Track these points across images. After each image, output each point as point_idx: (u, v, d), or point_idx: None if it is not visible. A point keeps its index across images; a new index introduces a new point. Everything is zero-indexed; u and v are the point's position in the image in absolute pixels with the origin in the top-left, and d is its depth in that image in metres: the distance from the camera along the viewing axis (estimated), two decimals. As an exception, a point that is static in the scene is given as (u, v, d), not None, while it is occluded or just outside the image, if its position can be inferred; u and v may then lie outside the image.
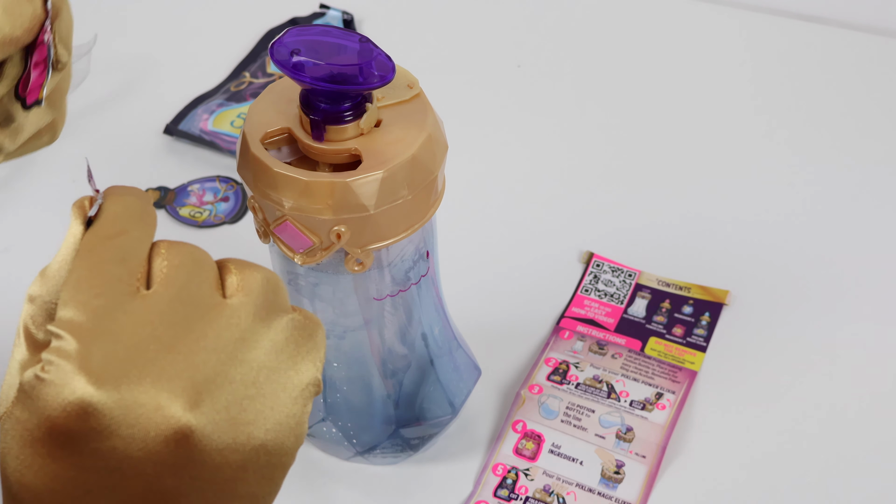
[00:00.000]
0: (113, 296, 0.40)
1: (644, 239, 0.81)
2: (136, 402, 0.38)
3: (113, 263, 0.41)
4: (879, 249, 0.80)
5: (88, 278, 0.40)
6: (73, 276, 0.40)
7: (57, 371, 0.38)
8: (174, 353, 0.40)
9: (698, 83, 0.96)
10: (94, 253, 0.41)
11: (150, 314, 0.40)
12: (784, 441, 0.68)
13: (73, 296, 0.40)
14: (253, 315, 0.42)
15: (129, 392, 0.38)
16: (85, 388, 0.38)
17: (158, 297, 0.41)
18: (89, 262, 0.41)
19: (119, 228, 0.42)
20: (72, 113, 0.95)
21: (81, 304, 0.40)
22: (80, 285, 0.40)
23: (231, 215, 0.85)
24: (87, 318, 0.39)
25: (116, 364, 0.39)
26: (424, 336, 0.62)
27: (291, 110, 0.55)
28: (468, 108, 0.93)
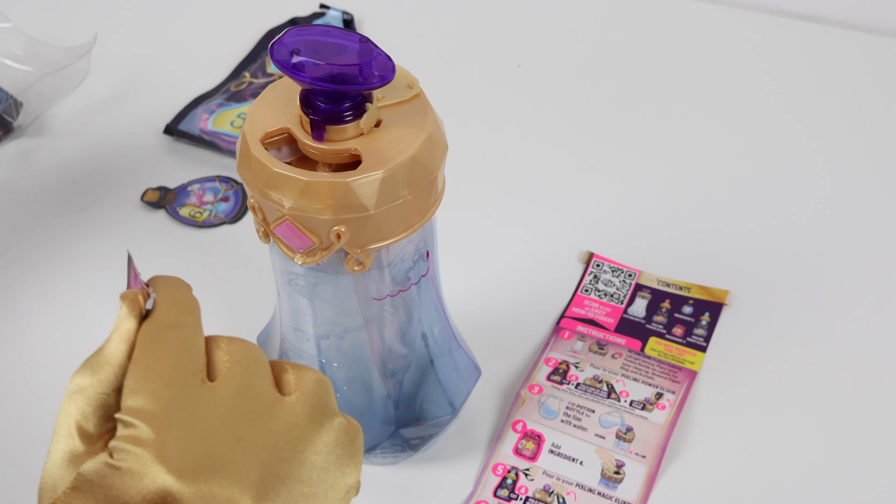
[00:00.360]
0: (182, 387, 0.41)
1: (644, 239, 0.81)
2: (211, 494, 0.40)
3: (178, 355, 0.42)
4: (879, 249, 0.80)
5: (157, 369, 0.41)
6: (139, 366, 0.41)
7: (134, 460, 0.39)
8: (242, 447, 0.41)
9: (698, 83, 0.96)
10: (157, 344, 0.42)
11: (217, 407, 0.41)
12: (784, 441, 0.68)
13: (143, 385, 0.40)
14: (309, 416, 0.44)
15: (206, 484, 0.40)
16: (165, 478, 0.39)
17: (223, 390, 0.42)
18: (154, 353, 0.42)
19: (175, 320, 0.43)
20: (72, 113, 0.95)
21: (152, 394, 0.40)
22: (148, 375, 0.41)
23: (231, 215, 0.85)
24: (159, 408, 0.40)
25: (192, 455, 0.40)
26: (424, 336, 0.62)
27: (291, 110, 0.55)
28: (468, 108, 0.93)
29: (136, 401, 0.40)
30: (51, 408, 0.71)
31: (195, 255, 0.82)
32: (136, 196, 0.86)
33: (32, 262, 0.82)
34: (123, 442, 0.40)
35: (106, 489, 0.39)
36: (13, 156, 0.91)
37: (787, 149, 0.89)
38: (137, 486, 0.39)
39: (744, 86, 0.95)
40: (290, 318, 0.61)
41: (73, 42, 0.99)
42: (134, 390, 0.41)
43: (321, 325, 0.59)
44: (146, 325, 0.43)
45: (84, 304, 0.79)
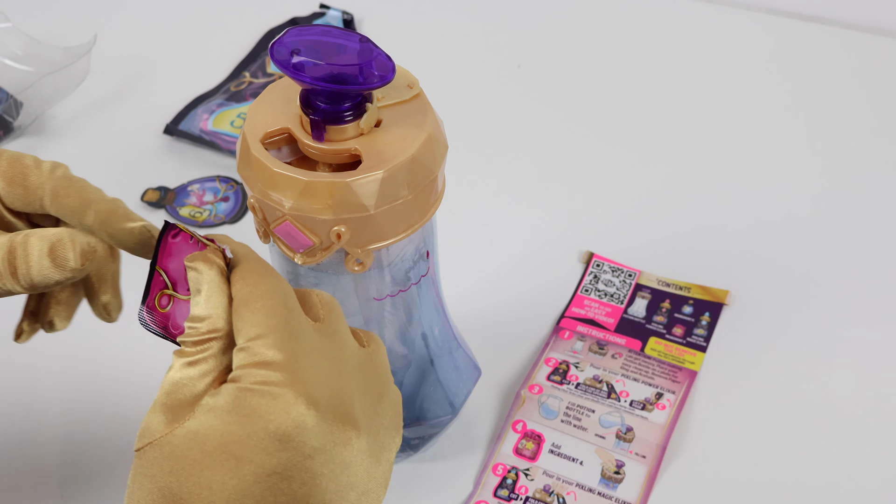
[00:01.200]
0: (297, 324, 0.44)
1: (644, 239, 0.81)
2: (334, 432, 0.43)
3: (285, 296, 0.44)
4: (880, 249, 0.80)
5: (272, 307, 0.43)
6: (253, 308, 0.43)
7: (277, 386, 0.41)
8: (349, 386, 0.45)
9: (698, 83, 0.96)
10: (262, 288, 0.44)
11: (325, 346, 0.45)
12: (784, 441, 0.68)
13: (264, 322, 0.43)
14: (383, 368, 0.48)
15: (332, 422, 0.43)
16: (301, 409, 0.42)
17: (327, 332, 0.45)
18: (264, 294, 0.44)
19: (265, 268, 0.45)
20: (72, 113, 0.95)
21: (275, 329, 0.43)
22: (267, 314, 0.43)
23: (231, 215, 0.85)
24: (285, 341, 0.43)
25: (320, 390, 0.43)
26: (424, 336, 0.62)
27: (291, 110, 0.55)
28: (468, 108, 0.93)
29: (260, 330, 0.42)
30: (51, 403, 0.72)
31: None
32: (136, 196, 0.86)
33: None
34: (253, 368, 0.42)
35: (245, 416, 0.41)
36: (13, 156, 0.91)
37: (787, 149, 0.89)
38: (282, 412, 0.41)
39: (744, 86, 0.95)
40: (290, 318, 0.61)
41: (73, 42, 0.99)
42: (256, 323, 0.43)
43: (321, 325, 0.59)
44: (241, 274, 0.45)
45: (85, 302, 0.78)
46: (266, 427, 0.41)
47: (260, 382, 0.42)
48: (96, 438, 0.70)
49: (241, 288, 0.44)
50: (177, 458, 0.41)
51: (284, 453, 0.41)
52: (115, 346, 0.76)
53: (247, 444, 0.41)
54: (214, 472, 0.41)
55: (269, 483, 0.41)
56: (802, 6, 1.03)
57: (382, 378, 0.48)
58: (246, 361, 0.42)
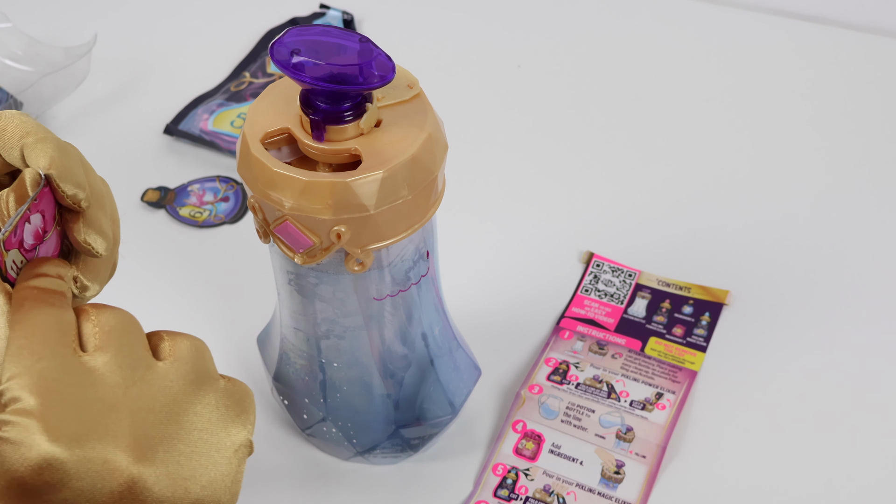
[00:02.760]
0: (54, 358, 0.43)
1: (644, 239, 0.81)
2: (87, 458, 0.42)
3: (47, 330, 0.44)
4: (880, 249, 0.80)
5: (28, 345, 0.43)
6: (12, 346, 0.43)
7: (19, 430, 0.41)
8: (117, 412, 0.43)
9: (698, 83, 0.96)
10: (26, 323, 0.44)
11: (90, 376, 0.43)
12: (784, 441, 0.68)
13: (17, 361, 0.42)
14: (184, 379, 0.45)
15: (83, 449, 0.42)
16: (48, 446, 0.41)
17: (95, 359, 0.44)
18: (24, 331, 0.43)
19: (42, 298, 0.45)
20: (72, 113, 0.95)
21: (26, 369, 0.42)
22: (20, 352, 0.43)
23: (231, 215, 0.85)
24: (34, 380, 0.42)
25: (69, 423, 0.42)
26: (424, 336, 0.62)
27: (291, 110, 0.55)
28: (468, 108, 0.93)
29: (13, 371, 0.42)
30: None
31: (195, 255, 0.82)
32: (136, 196, 0.86)
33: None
34: (6, 415, 0.42)
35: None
36: (13, 156, 0.91)
37: (787, 148, 0.89)
38: (24, 455, 0.41)
39: (744, 86, 0.95)
40: (290, 318, 0.61)
41: (73, 42, 0.99)
42: (8, 368, 0.43)
43: (321, 325, 0.59)
44: (14, 307, 0.45)
45: (84, 304, 0.78)
46: (10, 475, 0.41)
47: (8, 429, 0.41)
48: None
49: (9, 325, 0.44)
50: None
51: (34, 500, 0.41)
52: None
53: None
54: None
55: None
56: (802, 6, 1.03)
57: (192, 382, 0.46)
58: (3, 404, 0.42)
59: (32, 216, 0.46)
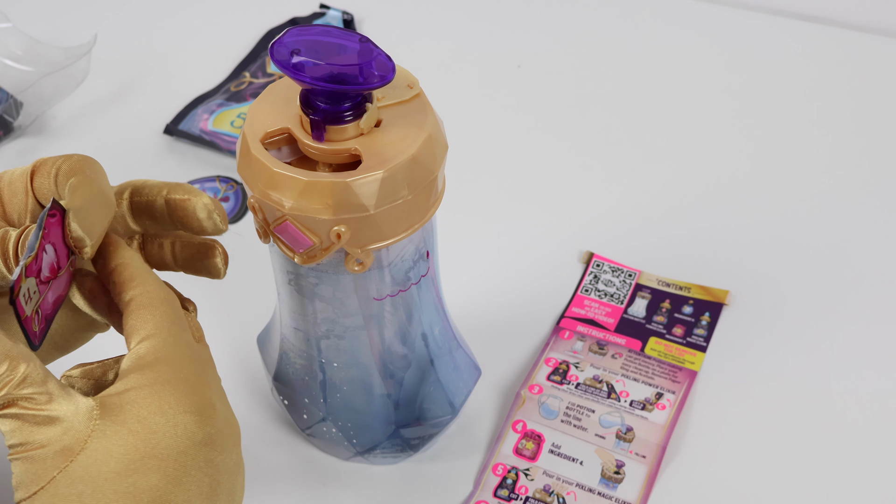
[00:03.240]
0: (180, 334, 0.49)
1: (644, 239, 0.81)
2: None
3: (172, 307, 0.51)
4: (880, 249, 0.80)
5: (163, 313, 0.49)
6: (146, 313, 0.49)
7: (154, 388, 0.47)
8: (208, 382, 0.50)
9: (698, 83, 0.96)
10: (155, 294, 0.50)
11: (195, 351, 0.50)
12: (784, 441, 0.68)
13: (152, 326, 0.49)
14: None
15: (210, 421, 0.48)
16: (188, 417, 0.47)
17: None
18: (158, 304, 0.50)
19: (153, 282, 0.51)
20: (72, 113, 0.95)
21: (159, 333, 0.49)
22: (154, 320, 0.49)
23: (231, 215, 0.85)
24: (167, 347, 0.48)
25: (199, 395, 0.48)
26: (424, 336, 0.62)
27: (291, 110, 0.55)
28: (468, 108, 0.93)
29: (147, 337, 0.48)
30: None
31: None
32: (136, 196, 0.86)
33: (32, 262, 0.82)
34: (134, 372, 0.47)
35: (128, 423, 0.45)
36: (13, 156, 0.91)
37: (787, 148, 0.89)
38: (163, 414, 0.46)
39: (744, 86, 0.95)
40: (290, 318, 0.61)
41: (73, 42, 0.99)
42: (143, 330, 0.49)
43: (321, 325, 0.59)
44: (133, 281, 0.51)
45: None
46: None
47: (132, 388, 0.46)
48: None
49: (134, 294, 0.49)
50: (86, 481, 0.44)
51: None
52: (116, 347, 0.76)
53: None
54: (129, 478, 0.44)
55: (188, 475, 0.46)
56: (802, 6, 1.03)
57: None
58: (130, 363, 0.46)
59: (47, 245, 0.46)
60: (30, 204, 0.50)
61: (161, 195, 0.53)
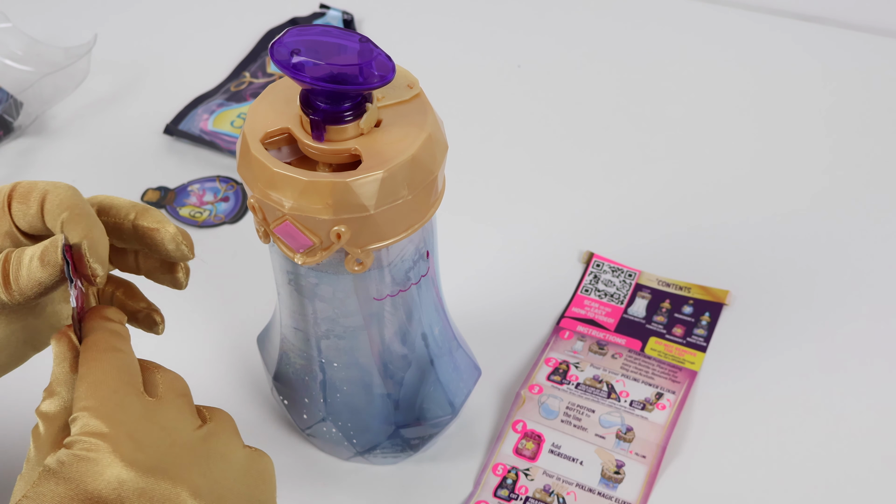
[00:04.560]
0: (126, 394, 0.47)
1: (644, 239, 0.81)
2: (157, 486, 0.45)
3: (120, 371, 0.48)
4: (880, 248, 0.80)
5: (103, 380, 0.47)
6: (87, 380, 0.47)
7: (91, 449, 0.45)
8: (181, 452, 0.47)
9: (698, 83, 0.96)
10: (100, 362, 0.48)
11: (156, 416, 0.47)
12: (784, 441, 0.68)
13: (93, 392, 0.47)
14: (225, 443, 0.49)
15: (153, 479, 0.45)
16: (120, 469, 0.44)
17: (160, 403, 0.48)
18: (99, 368, 0.47)
19: (112, 345, 0.49)
20: (72, 113, 0.95)
21: (102, 399, 0.46)
22: (97, 385, 0.47)
23: (231, 215, 0.85)
24: (109, 409, 0.46)
25: (140, 451, 0.45)
26: (424, 336, 0.62)
27: (291, 110, 0.55)
28: (468, 108, 0.93)
29: (88, 403, 0.46)
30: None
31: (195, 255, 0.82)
32: (137, 196, 0.87)
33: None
34: (80, 435, 0.45)
35: (68, 479, 0.44)
36: (13, 156, 0.91)
37: (787, 148, 0.89)
38: (97, 474, 0.44)
39: (744, 86, 0.95)
40: (290, 318, 0.61)
41: (73, 42, 0.99)
42: (85, 396, 0.46)
43: (321, 325, 0.59)
44: (86, 348, 0.49)
45: (84, 304, 0.79)
46: (84, 488, 0.44)
47: (84, 448, 0.45)
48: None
49: (81, 365, 0.48)
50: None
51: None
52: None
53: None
54: None
55: None
56: (802, 6, 1.03)
57: (228, 450, 0.49)
58: (76, 430, 0.45)
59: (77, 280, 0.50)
60: (5, 227, 0.52)
61: (129, 219, 0.54)
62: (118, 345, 0.49)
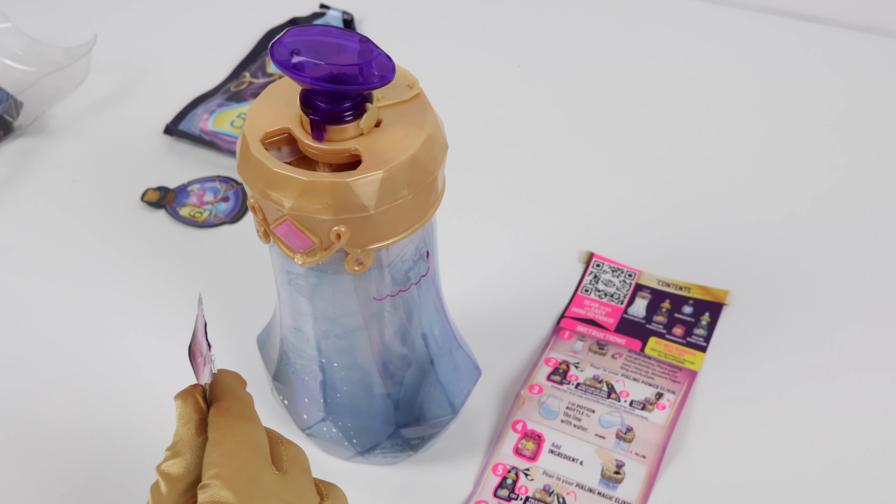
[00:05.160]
0: (257, 468, 0.47)
1: (644, 239, 0.81)
2: None
3: (253, 442, 0.48)
4: (880, 249, 0.80)
5: (237, 451, 0.47)
6: (221, 448, 0.47)
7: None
8: None
9: (697, 83, 0.96)
10: (233, 431, 0.48)
11: (281, 492, 0.48)
12: (784, 441, 0.68)
13: (226, 461, 0.47)
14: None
15: None
16: None
17: (286, 479, 0.48)
18: (233, 437, 0.48)
19: (245, 413, 0.49)
20: (72, 113, 0.95)
21: (234, 470, 0.47)
22: (231, 455, 0.47)
23: (231, 215, 0.85)
24: (241, 482, 0.46)
25: None
26: (424, 336, 0.62)
27: (291, 110, 0.55)
28: (468, 108, 0.93)
29: (221, 472, 0.46)
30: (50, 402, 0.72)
31: (195, 255, 0.82)
32: (136, 196, 0.87)
33: (34, 261, 0.82)
34: (209, 500, 0.45)
35: None
36: (13, 156, 0.91)
37: (787, 148, 0.89)
38: None
39: (744, 86, 0.95)
40: (290, 318, 0.61)
41: (73, 42, 0.99)
42: (218, 464, 0.46)
43: (321, 325, 0.59)
44: (218, 413, 0.49)
45: (85, 301, 0.79)
46: None
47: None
48: (97, 438, 0.70)
49: (212, 430, 0.48)
50: None
51: None
52: (116, 347, 0.76)
53: None
54: None
55: None
56: (802, 6, 1.03)
57: None
58: (205, 497, 0.46)
59: None
60: None
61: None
62: (249, 414, 0.49)
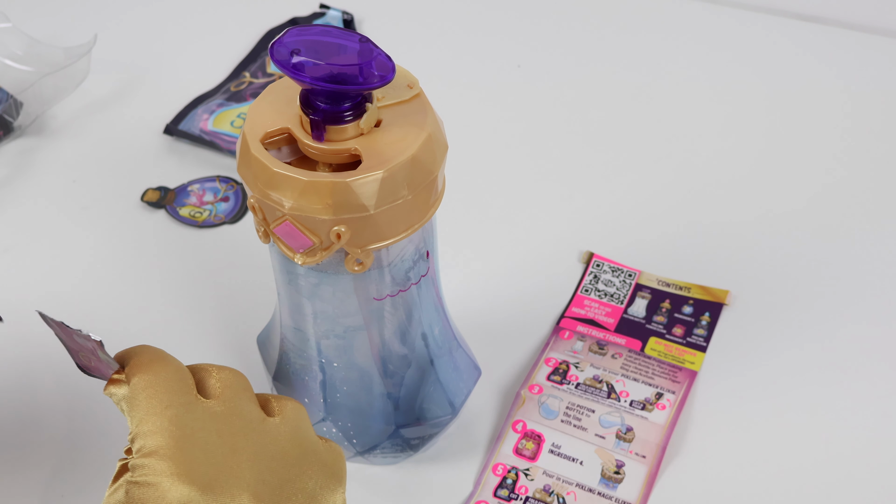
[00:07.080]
0: (179, 405, 0.46)
1: (644, 239, 0.81)
2: (218, 500, 0.44)
3: (168, 380, 0.47)
4: (879, 249, 0.80)
5: (154, 394, 0.46)
6: (138, 399, 0.46)
7: (153, 473, 0.44)
8: (239, 456, 0.46)
9: (697, 83, 0.96)
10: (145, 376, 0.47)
11: (213, 422, 0.46)
12: (784, 441, 0.68)
13: (146, 410, 0.45)
14: (292, 436, 0.49)
15: (213, 491, 0.44)
16: (183, 489, 0.44)
17: (217, 407, 0.47)
18: (146, 383, 0.46)
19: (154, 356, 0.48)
20: (72, 113, 0.95)
21: (155, 415, 0.45)
22: (149, 401, 0.46)
23: (231, 215, 0.85)
24: (164, 425, 0.45)
25: (201, 466, 0.45)
26: (424, 336, 0.62)
27: (291, 110, 0.55)
28: (468, 108, 0.93)
29: (144, 426, 0.45)
30: (50, 403, 0.72)
31: (195, 255, 0.82)
32: (136, 196, 0.87)
33: (33, 261, 0.82)
34: (139, 459, 0.44)
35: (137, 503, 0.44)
36: (13, 156, 0.91)
37: (787, 148, 0.89)
38: (160, 499, 0.44)
39: (744, 86, 0.95)
40: (290, 318, 0.61)
41: (73, 42, 0.99)
42: (137, 415, 0.46)
43: (321, 325, 0.59)
44: (130, 370, 0.47)
45: (85, 301, 0.79)
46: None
47: (142, 473, 0.44)
48: (97, 438, 0.70)
49: (132, 383, 0.47)
50: None
51: None
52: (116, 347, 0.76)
53: None
54: None
55: None
56: (802, 6, 1.03)
57: (298, 443, 0.49)
58: (135, 454, 0.45)
59: None
60: None
61: None
62: (155, 363, 0.48)
